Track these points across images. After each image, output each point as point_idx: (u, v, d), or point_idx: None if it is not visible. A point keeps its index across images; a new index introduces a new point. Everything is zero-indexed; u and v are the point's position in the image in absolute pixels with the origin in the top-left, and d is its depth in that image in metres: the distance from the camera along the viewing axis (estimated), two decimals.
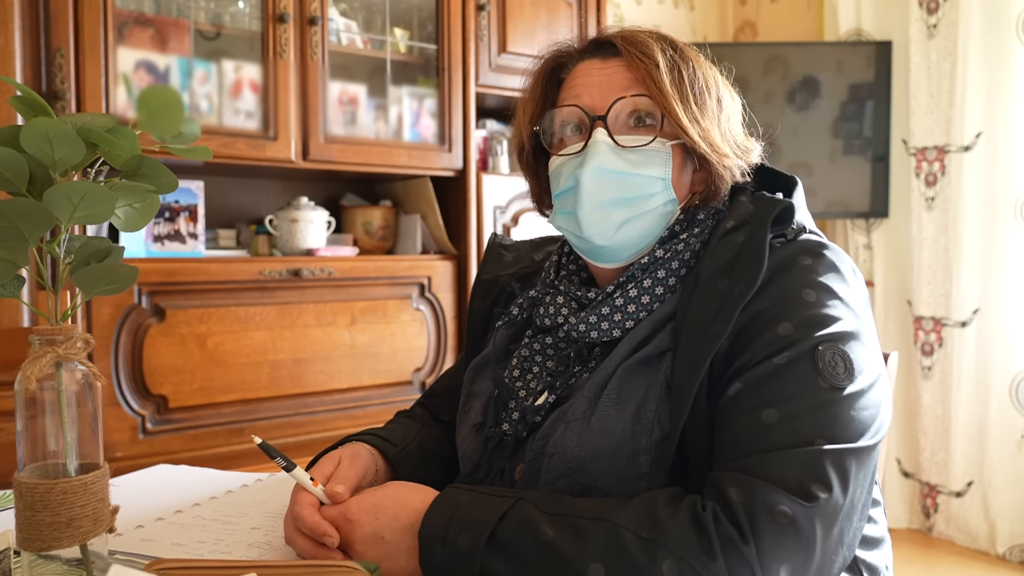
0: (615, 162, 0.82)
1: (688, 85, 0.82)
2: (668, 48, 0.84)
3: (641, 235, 0.84)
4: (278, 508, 0.91)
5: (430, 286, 2.28)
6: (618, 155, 0.82)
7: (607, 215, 0.83)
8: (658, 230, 0.85)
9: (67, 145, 0.63)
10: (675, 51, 0.84)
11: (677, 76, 0.82)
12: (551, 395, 0.85)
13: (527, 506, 0.71)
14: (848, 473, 0.68)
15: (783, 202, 0.79)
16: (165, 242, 1.96)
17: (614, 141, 0.82)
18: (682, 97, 0.81)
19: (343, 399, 2.14)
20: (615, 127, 0.83)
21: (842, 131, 3.03)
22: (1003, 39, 2.67)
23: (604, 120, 0.82)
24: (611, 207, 0.82)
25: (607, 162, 0.82)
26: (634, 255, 0.86)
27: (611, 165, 0.82)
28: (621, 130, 0.84)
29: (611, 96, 0.83)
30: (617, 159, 0.82)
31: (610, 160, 0.82)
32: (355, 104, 2.22)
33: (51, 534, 0.64)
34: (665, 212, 0.84)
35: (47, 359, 0.64)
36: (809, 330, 0.72)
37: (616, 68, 0.84)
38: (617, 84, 0.83)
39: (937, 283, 2.89)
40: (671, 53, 0.83)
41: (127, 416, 1.82)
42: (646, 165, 0.82)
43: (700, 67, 0.84)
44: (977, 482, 2.79)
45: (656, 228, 0.84)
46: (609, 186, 0.82)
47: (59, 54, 1.72)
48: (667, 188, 0.83)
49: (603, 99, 0.83)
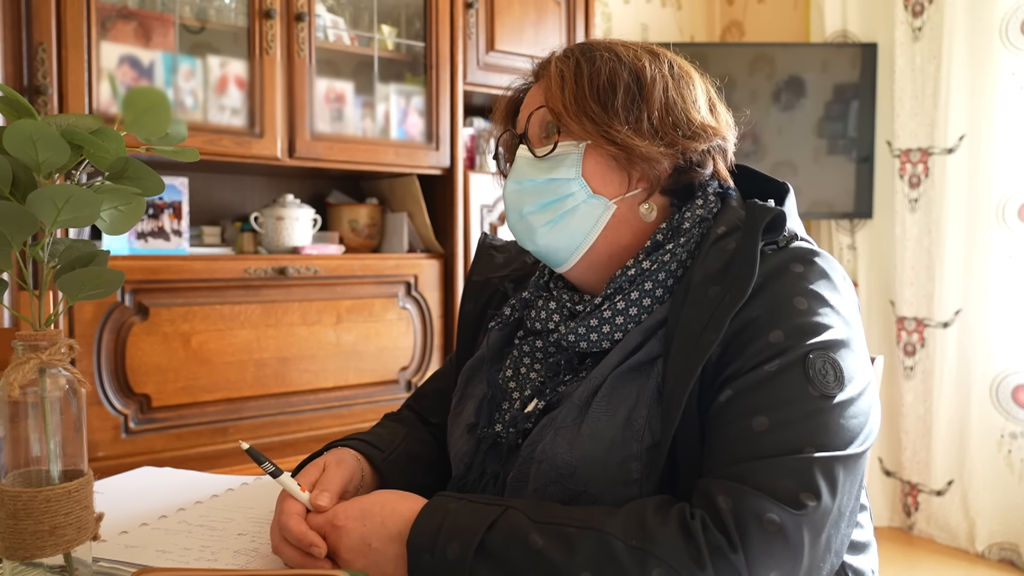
0: (529, 172, 0.87)
1: (587, 84, 0.84)
2: (575, 53, 0.87)
3: (570, 235, 0.86)
4: (264, 513, 0.91)
5: (416, 285, 2.27)
6: (532, 165, 0.87)
7: (527, 223, 0.87)
8: (587, 227, 0.86)
9: (51, 147, 0.62)
10: (583, 54, 0.87)
11: (573, 79, 0.85)
12: (540, 402, 0.85)
13: (516, 514, 0.70)
14: (837, 481, 0.68)
15: (775, 210, 0.79)
16: (149, 239, 1.94)
17: (531, 152, 0.87)
18: (576, 99, 0.84)
19: (328, 398, 2.13)
20: (535, 141, 0.89)
21: (827, 131, 3.05)
22: (987, 43, 2.69)
23: (524, 137, 0.89)
24: (529, 215, 0.87)
25: (524, 174, 0.87)
26: (574, 255, 0.87)
27: (526, 175, 0.87)
28: (538, 143, 0.88)
29: (527, 115, 0.89)
30: (532, 168, 0.87)
31: (525, 171, 0.87)
32: (342, 101, 2.21)
33: (34, 543, 0.63)
34: (589, 210, 0.85)
35: (30, 365, 0.63)
36: (800, 338, 0.73)
37: (536, 89, 0.91)
38: (533, 103, 0.89)
39: (920, 284, 2.91)
40: (576, 56, 0.87)
41: (109, 415, 1.80)
42: (555, 169, 0.85)
43: (613, 62, 0.86)
44: (957, 481, 2.82)
45: (585, 226, 0.86)
46: (526, 195, 0.87)
47: (41, 48, 1.69)
48: (581, 186, 0.85)
49: (523, 119, 0.90)
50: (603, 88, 0.84)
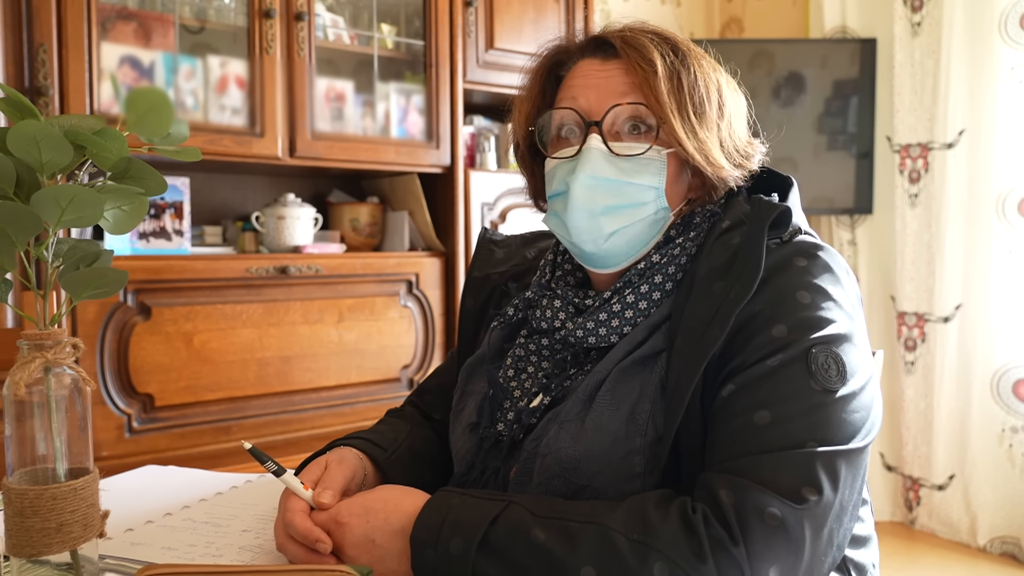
0: (607, 170, 0.81)
1: (688, 94, 0.80)
2: (669, 53, 0.82)
3: (632, 243, 0.84)
4: (268, 510, 0.91)
5: (418, 283, 2.27)
6: (611, 163, 0.81)
7: (597, 223, 0.82)
8: (648, 236, 0.84)
9: (54, 148, 0.62)
10: (676, 55, 0.82)
11: (676, 84, 0.81)
12: (546, 397, 0.85)
13: (518, 509, 0.71)
14: (838, 475, 0.68)
15: (780, 206, 0.79)
16: (151, 239, 1.94)
17: (608, 148, 0.81)
18: (680, 107, 0.80)
19: (331, 397, 2.13)
20: (610, 133, 0.83)
21: (827, 127, 3.05)
22: (986, 38, 2.69)
23: (599, 126, 0.82)
24: (602, 215, 0.82)
25: (599, 170, 0.81)
26: (625, 261, 0.86)
27: (603, 173, 0.81)
28: (616, 136, 0.83)
29: (608, 101, 0.82)
30: (609, 167, 0.81)
31: (602, 168, 0.81)
32: (342, 100, 2.21)
33: (41, 540, 0.64)
34: (657, 220, 0.84)
35: (36, 364, 0.64)
36: (803, 332, 0.73)
37: (614, 71, 0.83)
38: (614, 89, 0.82)
39: (920, 279, 2.91)
40: (672, 58, 0.81)
41: (113, 415, 1.81)
42: (639, 174, 0.82)
43: (702, 72, 0.83)
44: (959, 475, 2.82)
45: (647, 235, 0.84)
46: (600, 194, 0.81)
47: (42, 49, 1.69)
48: (660, 197, 0.83)
49: (599, 103, 0.82)
50: (700, 100, 0.81)
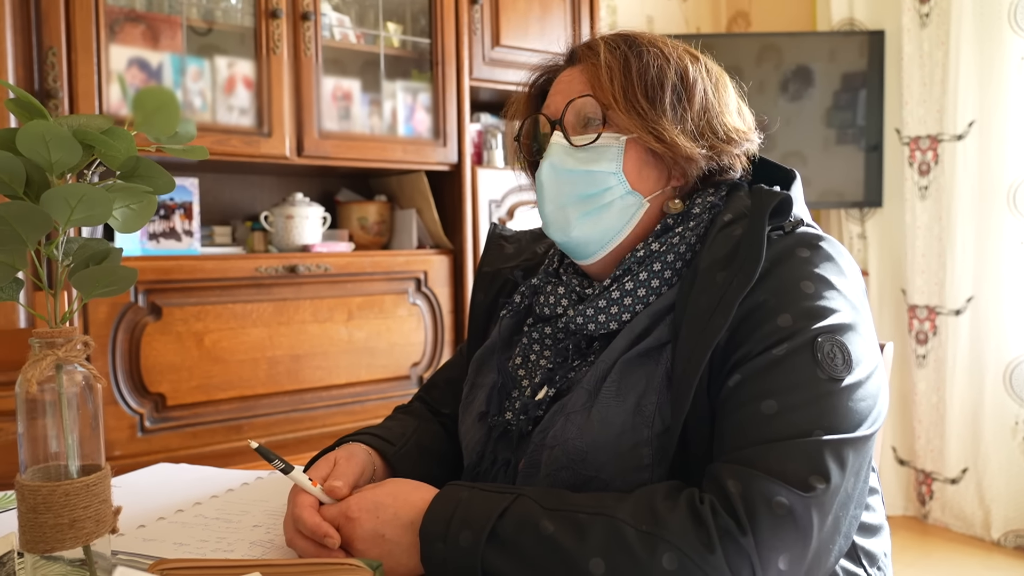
0: (566, 160, 0.86)
1: (636, 78, 0.84)
2: (622, 45, 0.87)
3: (604, 230, 0.87)
4: (279, 506, 0.92)
5: (426, 281, 2.28)
6: (570, 154, 0.86)
7: (564, 213, 0.87)
8: (620, 223, 0.87)
9: (63, 147, 0.63)
10: (630, 47, 0.86)
11: (623, 71, 0.85)
12: (551, 389, 0.85)
13: (527, 502, 0.71)
14: (846, 463, 0.68)
15: (780, 194, 0.80)
16: (160, 240, 1.95)
17: (569, 141, 0.86)
18: (625, 92, 0.84)
19: (341, 395, 2.14)
20: (572, 128, 0.88)
21: (835, 120, 3.04)
22: (995, 28, 2.67)
23: (561, 123, 0.87)
24: (568, 205, 0.87)
25: (559, 161, 0.86)
26: (601, 250, 0.88)
27: (563, 164, 0.86)
28: (575, 131, 0.88)
29: (565, 100, 0.87)
30: (568, 157, 0.86)
31: (562, 159, 0.86)
32: (349, 99, 2.22)
33: (54, 536, 0.64)
34: (625, 205, 0.86)
35: (47, 362, 0.64)
36: (808, 321, 0.73)
37: (575, 74, 0.89)
38: (572, 89, 0.88)
39: (931, 272, 2.90)
40: (623, 49, 0.86)
41: (125, 415, 1.82)
42: (596, 161, 0.86)
43: (660, 60, 0.86)
44: (972, 469, 2.81)
45: (617, 222, 0.87)
46: (563, 184, 0.87)
47: (51, 52, 1.71)
48: (621, 181, 0.86)
49: (561, 104, 0.88)
50: (651, 84, 0.84)
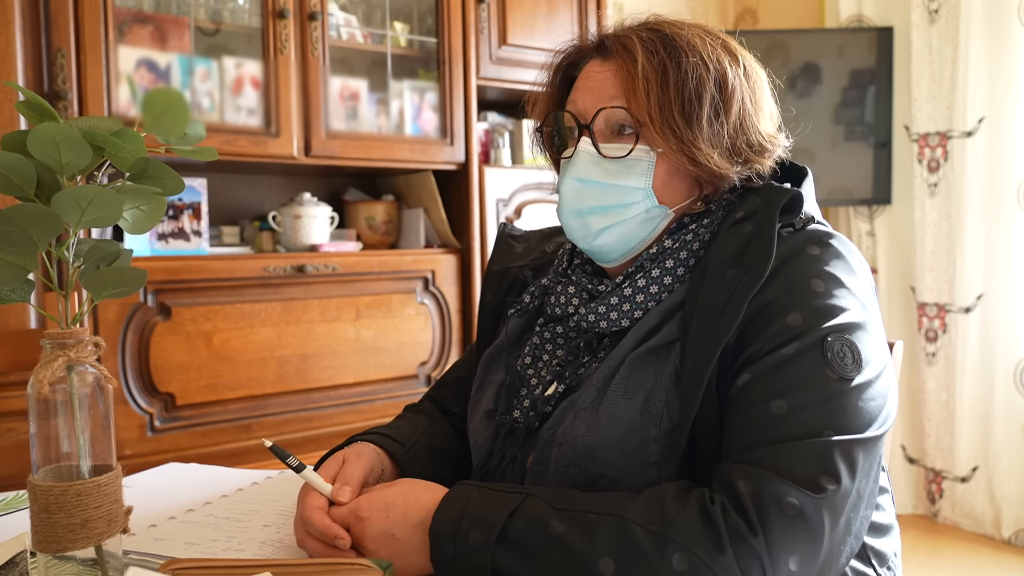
0: (593, 172, 0.84)
1: (675, 91, 0.80)
2: (660, 49, 0.82)
3: (625, 239, 0.86)
4: (289, 505, 0.92)
5: (434, 280, 2.28)
6: (598, 165, 0.84)
7: (585, 222, 0.85)
8: (643, 234, 0.86)
9: (74, 149, 0.63)
10: (667, 51, 0.82)
11: (661, 84, 0.81)
12: (560, 385, 0.85)
13: (537, 502, 0.71)
14: (856, 463, 0.68)
15: (791, 191, 0.79)
16: (169, 240, 1.96)
17: (597, 150, 0.84)
18: (662, 108, 0.80)
19: (349, 394, 2.15)
20: (601, 135, 0.85)
21: (844, 118, 3.03)
22: (1004, 24, 2.65)
23: (590, 128, 0.84)
24: (589, 215, 0.85)
25: (585, 172, 0.84)
26: (624, 256, 0.87)
27: (589, 175, 0.84)
28: (605, 138, 0.85)
29: (597, 104, 0.84)
30: (596, 169, 0.84)
31: (588, 170, 0.84)
32: (356, 99, 2.22)
33: (66, 536, 0.64)
34: (649, 218, 0.85)
35: (59, 363, 0.65)
36: (818, 320, 0.73)
37: (607, 73, 0.85)
38: (605, 91, 0.84)
39: (940, 269, 2.88)
40: (661, 56, 0.82)
41: (135, 414, 1.83)
42: (625, 175, 0.83)
43: (700, 68, 0.82)
44: (982, 467, 2.79)
45: (640, 232, 0.85)
46: (587, 195, 0.84)
47: (60, 54, 1.72)
48: (648, 196, 0.84)
49: (591, 106, 0.85)
50: (689, 99, 0.81)
